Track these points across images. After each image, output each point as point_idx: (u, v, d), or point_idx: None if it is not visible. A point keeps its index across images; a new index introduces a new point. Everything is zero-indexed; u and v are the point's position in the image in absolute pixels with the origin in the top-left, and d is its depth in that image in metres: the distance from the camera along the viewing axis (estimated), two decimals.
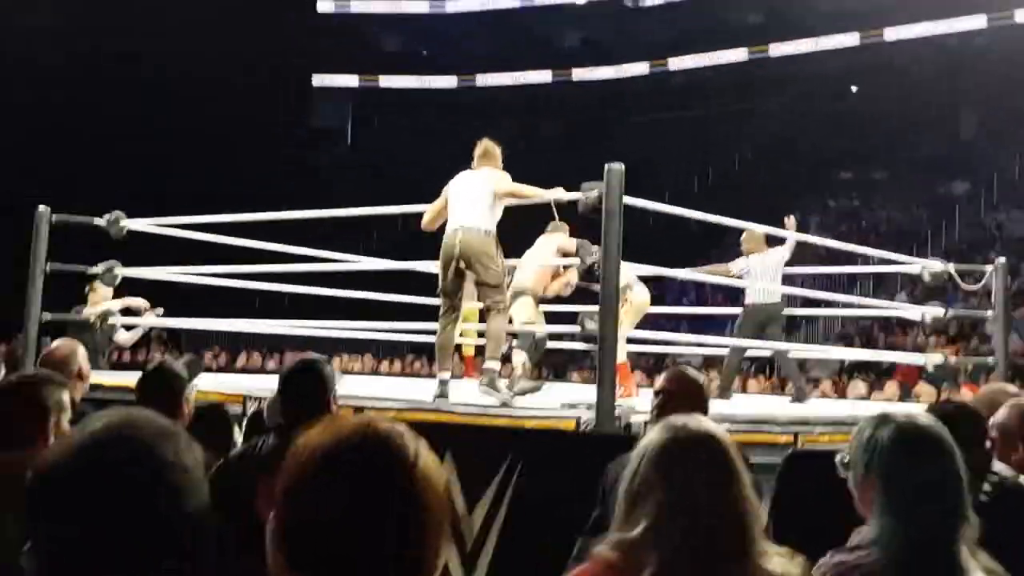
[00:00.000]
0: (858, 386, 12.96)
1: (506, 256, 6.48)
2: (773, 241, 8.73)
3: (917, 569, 2.02)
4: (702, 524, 1.78)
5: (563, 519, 3.23)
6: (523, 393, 6.24)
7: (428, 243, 6.74)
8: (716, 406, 7.42)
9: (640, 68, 32.59)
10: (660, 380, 3.51)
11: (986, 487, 2.95)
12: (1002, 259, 8.73)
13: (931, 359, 9.30)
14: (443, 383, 6.03)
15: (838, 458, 2.25)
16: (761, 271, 8.55)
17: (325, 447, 1.28)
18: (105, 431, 1.31)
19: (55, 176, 19.99)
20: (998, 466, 3.17)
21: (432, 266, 6.59)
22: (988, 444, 3.08)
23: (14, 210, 10.53)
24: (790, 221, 8.64)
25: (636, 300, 7.35)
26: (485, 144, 6.53)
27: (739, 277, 8.68)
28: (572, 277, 7.35)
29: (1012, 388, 4.23)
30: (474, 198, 6.20)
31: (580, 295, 7.53)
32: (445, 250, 6.18)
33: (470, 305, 7.11)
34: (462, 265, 6.12)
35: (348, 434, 1.30)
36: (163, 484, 1.29)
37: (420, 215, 6.65)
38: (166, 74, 26.21)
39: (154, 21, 25.96)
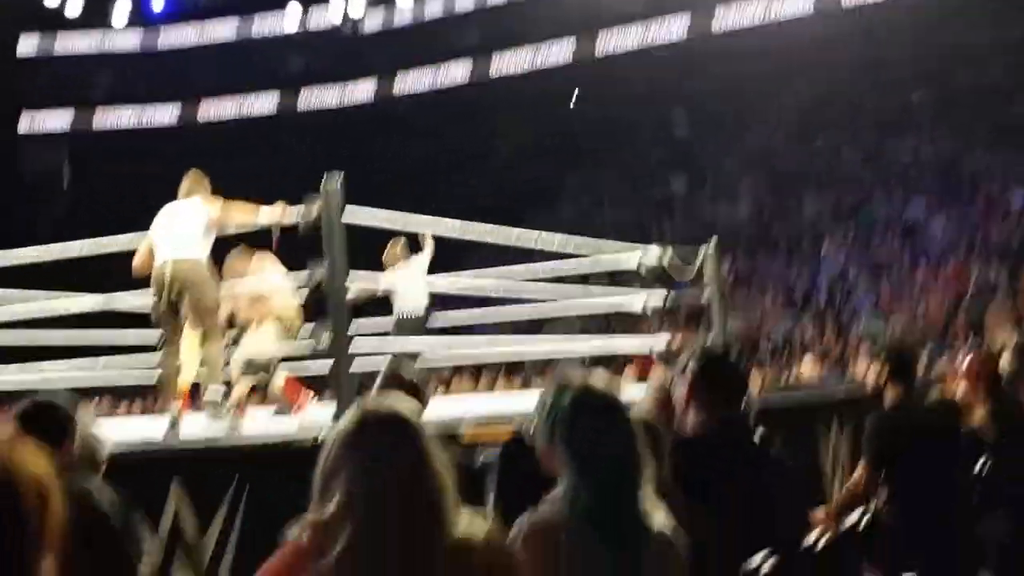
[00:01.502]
0: (600, 375, 13.49)
1: None
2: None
3: (601, 518, 2.16)
4: (389, 498, 1.83)
5: None
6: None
7: None
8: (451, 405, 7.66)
9: (366, 92, 32.74)
10: (378, 379, 3.58)
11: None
12: (712, 242, 9.28)
13: (656, 343, 9.81)
14: (173, 416, 5.88)
15: (524, 427, 2.37)
16: (404, 284, 8.98)
17: None
18: None
19: None
20: None
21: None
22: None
23: None
24: (427, 238, 9.21)
25: (279, 309, 7.34)
26: (191, 175, 6.44)
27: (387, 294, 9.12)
28: None
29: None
30: (183, 229, 6.09)
31: None
32: (156, 280, 6.05)
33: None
34: (174, 294, 6.00)
35: None
36: None
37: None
38: None
39: None
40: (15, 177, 31.30)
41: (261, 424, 6.59)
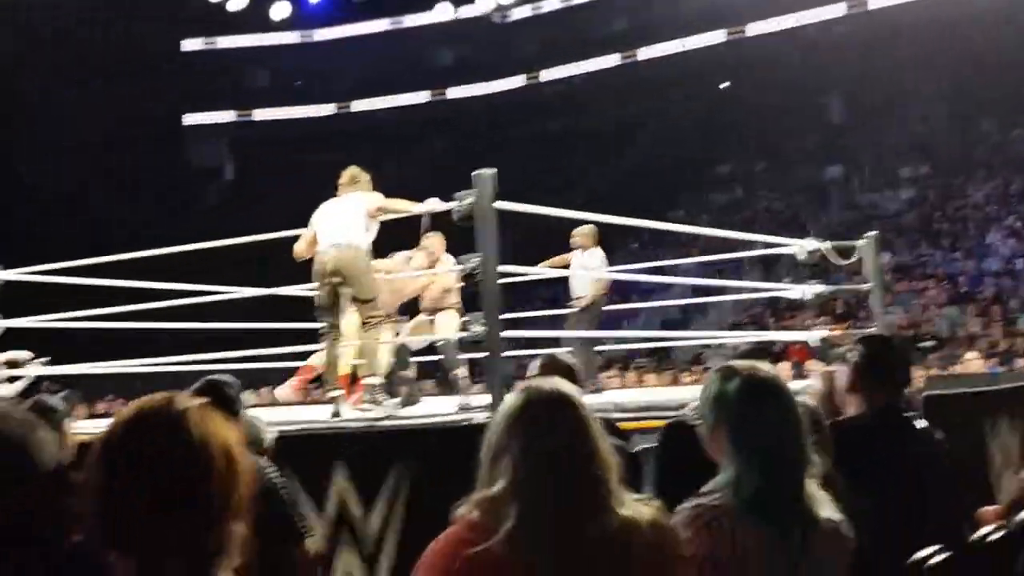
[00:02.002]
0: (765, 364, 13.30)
1: None
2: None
3: (765, 504, 2.14)
4: (556, 477, 1.86)
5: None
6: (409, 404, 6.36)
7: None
8: (605, 396, 7.67)
9: (515, 82, 32.92)
10: (533, 367, 3.61)
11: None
12: (872, 233, 9.05)
13: (814, 336, 9.60)
14: (335, 400, 6.05)
15: (687, 408, 2.36)
16: (583, 271, 8.93)
17: (103, 436, 1.47)
18: None
19: None
20: None
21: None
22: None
23: None
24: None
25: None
26: (351, 170, 6.61)
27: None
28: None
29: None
30: (345, 218, 6.25)
31: None
32: (318, 268, 6.21)
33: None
34: (336, 281, 6.16)
35: (120, 419, 1.48)
36: (33, 463, 1.48)
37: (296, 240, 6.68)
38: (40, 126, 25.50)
39: (20, 73, 25.12)
40: (181, 168, 32.71)
41: (421, 407, 6.73)
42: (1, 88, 24.70)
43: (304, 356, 7.90)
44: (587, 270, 8.95)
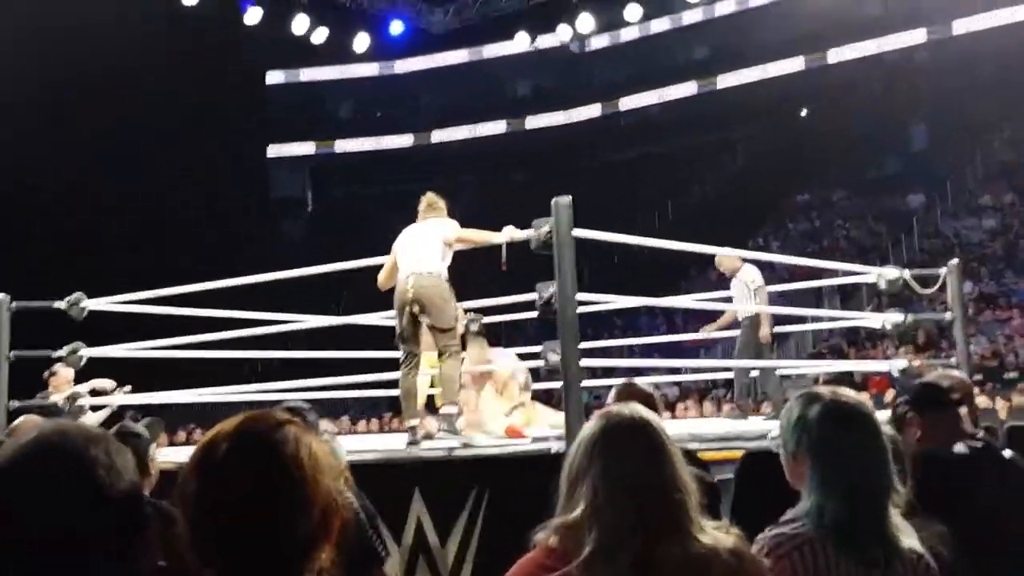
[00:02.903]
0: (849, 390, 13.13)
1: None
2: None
3: (849, 539, 2.11)
4: (635, 502, 1.86)
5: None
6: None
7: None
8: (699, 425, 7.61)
9: (592, 111, 32.95)
10: (611, 395, 3.61)
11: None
12: (955, 261, 8.88)
13: (895, 365, 9.42)
14: (413, 429, 6.07)
15: (768, 436, 2.34)
16: (755, 278, 8.92)
17: (201, 447, 1.48)
18: (38, 439, 1.41)
19: (5, 262, 19.75)
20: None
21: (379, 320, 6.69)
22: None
23: None
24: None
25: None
26: (428, 197, 6.64)
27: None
28: None
29: (955, 373, 4.36)
30: (423, 246, 6.28)
31: None
32: (399, 297, 6.24)
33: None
34: (416, 310, 6.18)
35: (224, 428, 1.49)
36: (92, 480, 1.40)
37: (379, 268, 6.73)
38: (120, 153, 25.99)
39: (106, 100, 25.64)
40: (264, 200, 33.28)
41: (496, 438, 6.74)
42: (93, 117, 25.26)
43: (383, 385, 7.94)
44: (749, 288, 8.94)
